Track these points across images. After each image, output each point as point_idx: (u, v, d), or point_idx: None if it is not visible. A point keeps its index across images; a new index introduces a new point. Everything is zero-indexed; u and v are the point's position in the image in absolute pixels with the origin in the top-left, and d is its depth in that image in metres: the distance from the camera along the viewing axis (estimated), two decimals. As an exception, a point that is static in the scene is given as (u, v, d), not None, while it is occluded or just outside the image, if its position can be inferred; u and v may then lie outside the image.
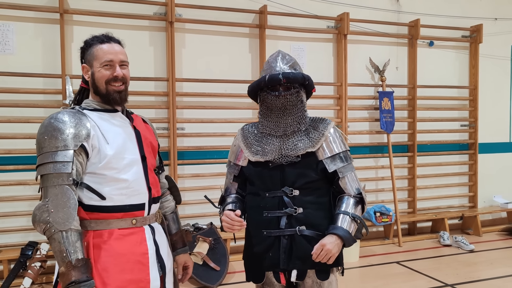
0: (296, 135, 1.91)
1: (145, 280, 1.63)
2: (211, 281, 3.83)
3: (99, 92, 1.67)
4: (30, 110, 4.01)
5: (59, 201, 1.49)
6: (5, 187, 3.97)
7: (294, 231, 1.85)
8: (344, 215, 1.85)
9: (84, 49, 1.71)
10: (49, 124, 1.57)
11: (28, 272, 3.53)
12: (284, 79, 1.85)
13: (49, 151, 1.53)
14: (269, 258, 1.88)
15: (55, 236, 1.47)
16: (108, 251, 1.58)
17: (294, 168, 1.88)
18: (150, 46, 4.40)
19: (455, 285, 3.77)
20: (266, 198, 1.89)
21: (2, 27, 3.95)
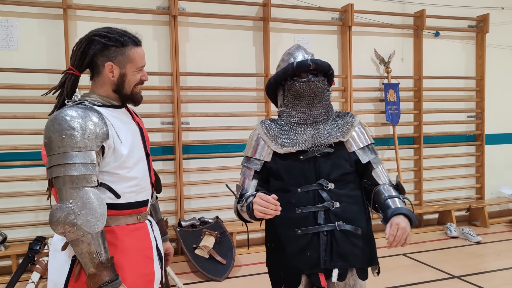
0: (327, 124, 1.86)
1: (151, 273, 1.65)
2: (217, 274, 3.85)
3: (122, 92, 1.62)
4: (36, 106, 4.03)
5: (87, 204, 1.44)
6: (12, 183, 3.99)
7: (333, 227, 1.73)
8: (395, 198, 1.73)
9: (109, 46, 1.57)
10: (64, 121, 1.47)
11: (36, 266, 3.56)
12: (313, 65, 1.80)
13: (68, 151, 1.46)
14: (307, 258, 1.74)
15: (83, 239, 1.43)
16: (119, 247, 1.57)
17: (328, 159, 1.79)
18: (154, 40, 4.39)
19: (462, 277, 3.76)
20: (298, 193, 1.78)
21: (6, 23, 3.96)
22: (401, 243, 1.63)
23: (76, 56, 1.61)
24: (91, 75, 1.65)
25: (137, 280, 1.58)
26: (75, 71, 1.63)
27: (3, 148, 3.95)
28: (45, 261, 3.61)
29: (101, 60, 1.59)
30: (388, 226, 1.65)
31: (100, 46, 1.57)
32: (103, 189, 1.54)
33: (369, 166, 1.83)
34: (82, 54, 1.60)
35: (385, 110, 5.09)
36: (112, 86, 1.62)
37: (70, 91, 1.65)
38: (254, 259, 4.07)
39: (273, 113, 4.64)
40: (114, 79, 1.61)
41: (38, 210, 4.07)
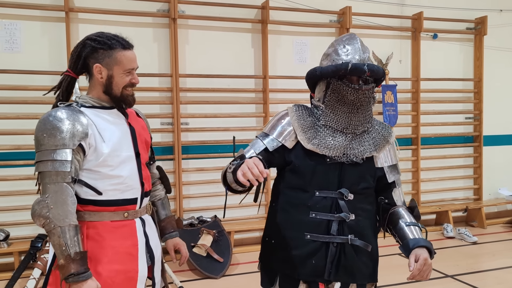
0: (364, 135, 1.73)
1: (133, 270, 1.70)
2: (214, 272, 3.92)
3: (112, 94, 1.69)
4: (38, 107, 4.11)
5: (58, 198, 1.55)
6: (15, 182, 4.08)
7: (345, 240, 1.64)
8: (416, 227, 1.71)
9: (98, 49, 1.67)
10: (47, 121, 1.60)
11: (37, 263, 3.65)
12: (368, 72, 1.63)
13: (48, 149, 1.58)
14: (311, 265, 1.65)
15: (54, 231, 1.54)
16: (100, 243, 1.65)
17: (355, 169, 1.69)
18: (154, 42, 4.47)
19: (455, 276, 3.81)
20: (315, 197, 1.67)
21: (10, 26, 4.06)
22: (424, 278, 1.62)
23: (72, 59, 1.73)
24: (88, 78, 1.75)
25: (115, 276, 1.65)
26: (71, 73, 1.74)
27: (6, 148, 4.05)
28: (46, 258, 3.70)
29: (92, 62, 1.68)
30: (412, 257, 1.62)
31: (90, 49, 1.67)
32: (82, 186, 1.63)
33: (392, 185, 1.79)
34: (77, 57, 1.71)
35: (383, 112, 5.14)
36: (102, 88, 1.70)
37: (65, 92, 1.77)
38: (251, 257, 4.13)
39: (271, 114, 4.71)
40: (103, 80, 1.69)
41: (40, 208, 4.16)
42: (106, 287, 1.62)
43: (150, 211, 1.87)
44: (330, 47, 1.77)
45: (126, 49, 1.69)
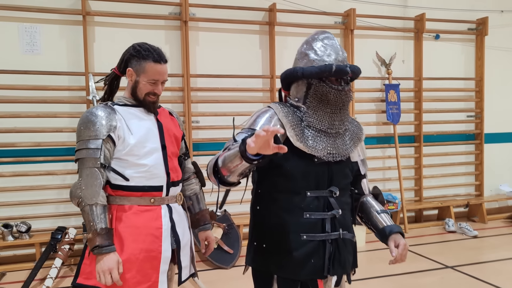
0: (345, 134, 1.76)
1: (157, 251, 1.89)
2: (225, 263, 4.12)
3: (136, 97, 1.93)
4: (57, 106, 4.34)
5: (89, 181, 1.80)
6: (35, 177, 4.30)
7: (338, 235, 1.69)
8: (387, 213, 1.84)
9: (135, 56, 1.88)
10: (85, 117, 1.86)
11: (58, 253, 3.86)
12: (351, 73, 1.66)
13: (83, 139, 1.83)
14: (311, 265, 1.66)
15: (84, 209, 1.78)
16: (126, 223, 1.86)
17: (341, 167, 1.74)
18: (166, 44, 4.67)
19: (455, 267, 3.99)
20: (307, 197, 1.67)
21: (30, 29, 4.27)
22: (403, 260, 1.75)
23: (120, 59, 1.98)
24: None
25: (139, 254, 1.84)
26: (116, 70, 2.01)
27: (27, 145, 4.26)
28: (66, 249, 3.92)
29: (128, 65, 1.92)
30: (391, 244, 1.73)
31: (129, 55, 1.91)
32: (112, 172, 1.86)
33: (362, 177, 1.88)
34: (121, 59, 1.97)
35: (386, 110, 5.32)
36: (129, 90, 1.95)
37: (109, 86, 2.06)
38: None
39: (279, 113, 4.90)
40: (131, 83, 1.93)
41: (59, 202, 4.38)
42: (130, 263, 1.83)
43: (180, 201, 2.05)
44: (305, 45, 1.74)
45: (156, 62, 1.87)
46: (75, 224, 4.32)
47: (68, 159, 4.36)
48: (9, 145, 4.22)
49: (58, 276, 3.75)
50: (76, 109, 4.38)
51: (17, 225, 4.09)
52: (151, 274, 1.87)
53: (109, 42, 4.40)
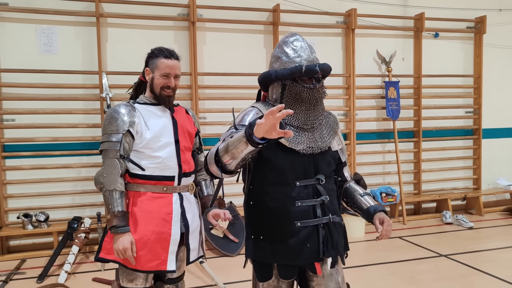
0: (321, 127, 1.89)
1: (166, 233, 2.13)
2: (230, 251, 4.37)
3: (154, 92, 2.18)
4: (72, 103, 4.59)
5: (109, 169, 2.06)
6: (52, 170, 4.57)
7: (328, 219, 1.82)
8: (369, 195, 1.96)
9: (150, 57, 2.17)
10: (110, 113, 2.12)
11: (75, 241, 4.12)
12: (320, 72, 1.77)
13: (107, 133, 2.09)
14: (307, 250, 1.78)
15: (105, 194, 2.05)
16: (141, 208, 2.11)
17: (324, 156, 1.87)
18: (175, 44, 4.90)
19: (449, 255, 4.20)
20: (297, 187, 1.79)
21: (47, 31, 4.52)
22: (388, 236, 1.86)
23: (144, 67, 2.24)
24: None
25: (150, 235, 2.09)
26: (142, 77, 2.26)
27: (44, 140, 4.53)
28: (82, 237, 4.19)
29: (147, 67, 2.19)
30: (377, 221, 1.85)
31: (147, 58, 2.19)
32: (130, 163, 2.13)
33: (343, 164, 2.01)
34: (145, 64, 2.23)
35: (386, 106, 5.52)
36: (149, 87, 2.20)
37: (134, 90, 2.35)
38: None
39: (282, 109, 5.12)
40: (149, 81, 2.18)
41: (74, 194, 4.65)
42: (142, 242, 2.07)
43: (192, 190, 2.27)
44: (277, 49, 1.87)
45: (167, 58, 2.13)
46: (90, 214, 4.59)
47: (83, 153, 4.62)
48: (28, 140, 4.49)
49: (75, 262, 4.01)
50: (90, 106, 4.64)
51: (36, 215, 4.37)
52: (161, 253, 2.11)
53: (121, 42, 4.65)
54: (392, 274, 3.75)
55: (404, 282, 3.57)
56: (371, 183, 5.66)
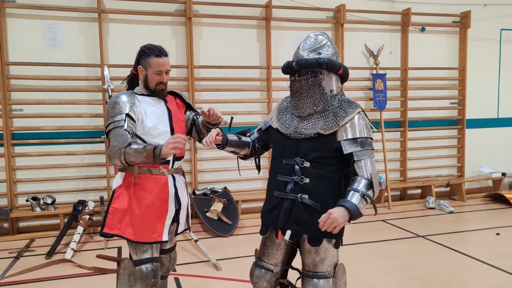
0: (313, 117, 2.04)
1: (164, 209, 2.40)
2: (224, 232, 4.71)
3: (148, 87, 2.39)
4: (76, 94, 4.90)
5: (118, 137, 2.21)
6: (58, 157, 4.89)
7: (296, 197, 2.02)
8: (355, 192, 1.92)
9: (142, 55, 2.35)
10: (112, 100, 2.33)
11: (80, 222, 4.46)
12: (297, 67, 2.02)
13: (111, 116, 2.28)
14: (272, 215, 2.09)
15: (128, 153, 2.18)
16: (142, 187, 2.36)
17: (309, 143, 2.03)
18: (173, 38, 5.19)
19: (426, 236, 4.53)
20: (282, 163, 2.08)
21: (52, 26, 4.81)
22: (330, 229, 1.85)
23: (134, 62, 2.43)
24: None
25: (151, 210, 2.34)
26: (133, 70, 2.47)
27: (51, 128, 4.84)
28: (87, 218, 4.52)
29: (139, 63, 2.39)
30: (325, 214, 1.86)
31: (138, 55, 2.39)
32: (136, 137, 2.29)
33: (352, 157, 1.97)
34: (135, 60, 2.42)
35: (373, 97, 5.81)
36: (142, 83, 2.41)
37: (130, 83, 2.54)
38: (255, 222, 4.91)
39: (274, 100, 5.42)
40: (142, 77, 2.39)
41: (78, 179, 4.98)
42: (143, 217, 2.33)
43: (181, 172, 2.56)
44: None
45: (158, 56, 2.33)
46: (93, 198, 4.92)
47: (86, 141, 4.95)
48: (35, 129, 4.81)
49: (80, 241, 4.35)
50: (93, 97, 4.95)
51: (43, 198, 4.70)
52: (159, 227, 2.40)
53: (121, 37, 4.94)
54: (371, 252, 4.08)
55: (380, 259, 3.90)
56: (359, 170, 5.98)
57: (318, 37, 2.08)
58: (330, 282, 2.08)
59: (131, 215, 2.33)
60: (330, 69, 2.02)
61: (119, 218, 2.34)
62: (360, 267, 3.67)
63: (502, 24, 6.48)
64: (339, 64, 2.05)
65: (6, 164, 4.70)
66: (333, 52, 2.07)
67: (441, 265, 3.72)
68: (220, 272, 3.65)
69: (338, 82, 2.11)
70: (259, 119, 5.50)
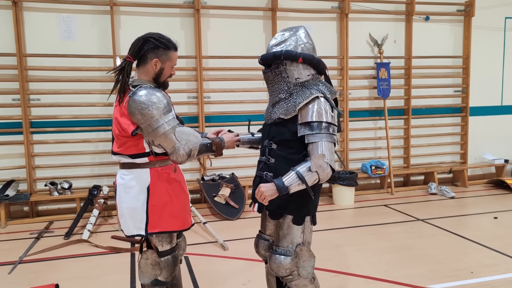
0: (279, 103, 2.19)
1: (187, 197, 2.50)
2: (231, 215, 4.93)
3: (159, 79, 2.25)
4: (90, 84, 5.13)
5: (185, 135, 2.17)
6: (73, 144, 5.14)
7: (262, 175, 2.22)
8: (292, 171, 2.04)
9: (159, 47, 2.19)
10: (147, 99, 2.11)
11: (95, 205, 4.72)
12: (260, 61, 2.24)
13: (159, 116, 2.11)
14: (252, 191, 2.21)
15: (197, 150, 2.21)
16: (170, 179, 2.36)
17: (276, 127, 2.21)
18: (181, 30, 5.37)
19: (425, 220, 4.70)
20: (262, 146, 2.31)
21: (67, 19, 5.03)
22: (260, 200, 2.05)
23: (134, 49, 2.20)
24: (137, 64, 2.24)
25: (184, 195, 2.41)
26: (131, 58, 2.21)
27: (66, 117, 5.09)
28: (101, 202, 4.78)
29: (150, 55, 2.19)
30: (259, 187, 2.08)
31: (153, 45, 2.18)
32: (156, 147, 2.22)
33: (305, 140, 2.10)
34: (139, 49, 2.19)
35: (377, 86, 5.95)
36: (152, 75, 2.24)
37: (128, 73, 2.23)
38: (261, 206, 5.11)
39: (280, 89, 5.59)
40: (155, 71, 2.22)
41: (93, 165, 5.24)
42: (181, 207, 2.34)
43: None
44: None
45: (176, 50, 2.28)
46: (107, 183, 5.17)
47: (100, 129, 5.19)
48: (52, 117, 5.05)
49: (96, 223, 4.62)
50: (106, 86, 5.17)
51: (61, 183, 4.97)
52: (188, 216, 2.47)
53: (132, 29, 5.14)
54: (371, 234, 4.27)
55: (379, 240, 4.09)
56: (363, 157, 6.15)
57: (284, 34, 2.20)
58: (288, 260, 2.17)
59: (171, 207, 2.31)
60: (289, 59, 2.13)
61: (158, 214, 2.28)
62: (360, 247, 3.88)
63: (507, 13, 6.54)
64: (296, 54, 2.13)
65: (26, 151, 4.96)
66: (295, 45, 2.16)
67: (437, 245, 3.90)
68: (227, 251, 3.88)
69: (306, 70, 2.18)
70: (265, 107, 5.66)
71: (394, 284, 3.11)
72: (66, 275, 3.41)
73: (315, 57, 2.18)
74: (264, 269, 2.53)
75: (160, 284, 2.38)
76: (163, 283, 2.38)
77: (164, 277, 2.37)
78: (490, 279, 3.15)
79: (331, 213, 5.08)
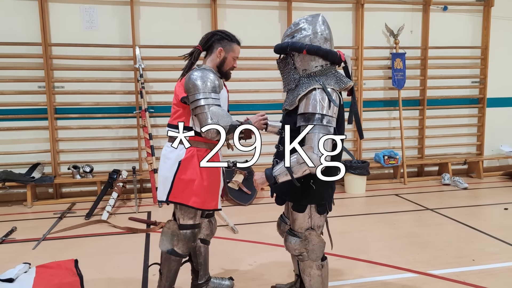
0: (288, 94, 2.28)
1: (219, 180, 2.63)
2: (244, 201, 5.10)
3: (222, 69, 2.52)
4: (111, 73, 5.35)
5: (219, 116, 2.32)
6: (95, 130, 5.39)
7: (275, 162, 2.31)
8: (279, 164, 2.16)
9: (224, 38, 2.50)
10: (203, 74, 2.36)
11: (114, 189, 4.96)
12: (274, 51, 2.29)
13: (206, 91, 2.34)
14: None
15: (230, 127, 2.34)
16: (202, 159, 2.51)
17: (285, 116, 2.31)
18: (199, 20, 5.52)
19: (434, 209, 4.76)
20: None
21: (89, 10, 5.24)
22: (255, 186, 2.22)
23: (204, 40, 2.54)
24: (206, 54, 2.58)
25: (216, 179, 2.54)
26: (200, 48, 2.55)
27: (88, 104, 5.33)
28: (120, 186, 5.02)
29: (216, 45, 2.50)
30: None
31: (219, 37, 2.52)
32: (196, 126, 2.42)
33: (301, 129, 2.15)
34: (207, 40, 2.53)
35: (392, 76, 5.97)
36: (216, 63, 2.52)
37: (196, 58, 2.55)
38: (274, 192, 5.26)
39: (294, 79, 5.68)
40: (219, 59, 2.51)
41: (113, 150, 5.48)
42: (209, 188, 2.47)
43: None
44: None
45: (238, 44, 2.57)
46: (126, 168, 5.41)
47: (120, 116, 5.41)
48: (75, 104, 5.31)
49: (114, 205, 4.86)
50: (126, 75, 5.38)
51: (83, 167, 5.23)
52: (217, 197, 2.61)
53: (151, 19, 5.31)
54: (379, 222, 4.36)
55: (385, 227, 4.18)
56: (377, 147, 6.21)
57: (299, 22, 2.23)
58: (298, 242, 2.30)
59: (198, 185, 2.45)
60: (295, 51, 2.18)
61: (182, 188, 2.45)
62: (368, 233, 3.99)
63: (528, 2, 6.42)
64: (301, 46, 2.15)
65: (50, 136, 5.24)
66: (306, 34, 2.18)
67: (441, 234, 3.97)
68: (237, 234, 4.05)
69: (314, 62, 2.19)
70: (280, 96, 5.79)
71: (394, 269, 3.21)
72: (85, 252, 3.65)
73: (321, 48, 2.16)
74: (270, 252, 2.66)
75: (175, 255, 2.55)
76: (178, 254, 2.54)
77: (180, 249, 2.53)
78: (490, 266, 3.21)
79: (342, 201, 5.18)
